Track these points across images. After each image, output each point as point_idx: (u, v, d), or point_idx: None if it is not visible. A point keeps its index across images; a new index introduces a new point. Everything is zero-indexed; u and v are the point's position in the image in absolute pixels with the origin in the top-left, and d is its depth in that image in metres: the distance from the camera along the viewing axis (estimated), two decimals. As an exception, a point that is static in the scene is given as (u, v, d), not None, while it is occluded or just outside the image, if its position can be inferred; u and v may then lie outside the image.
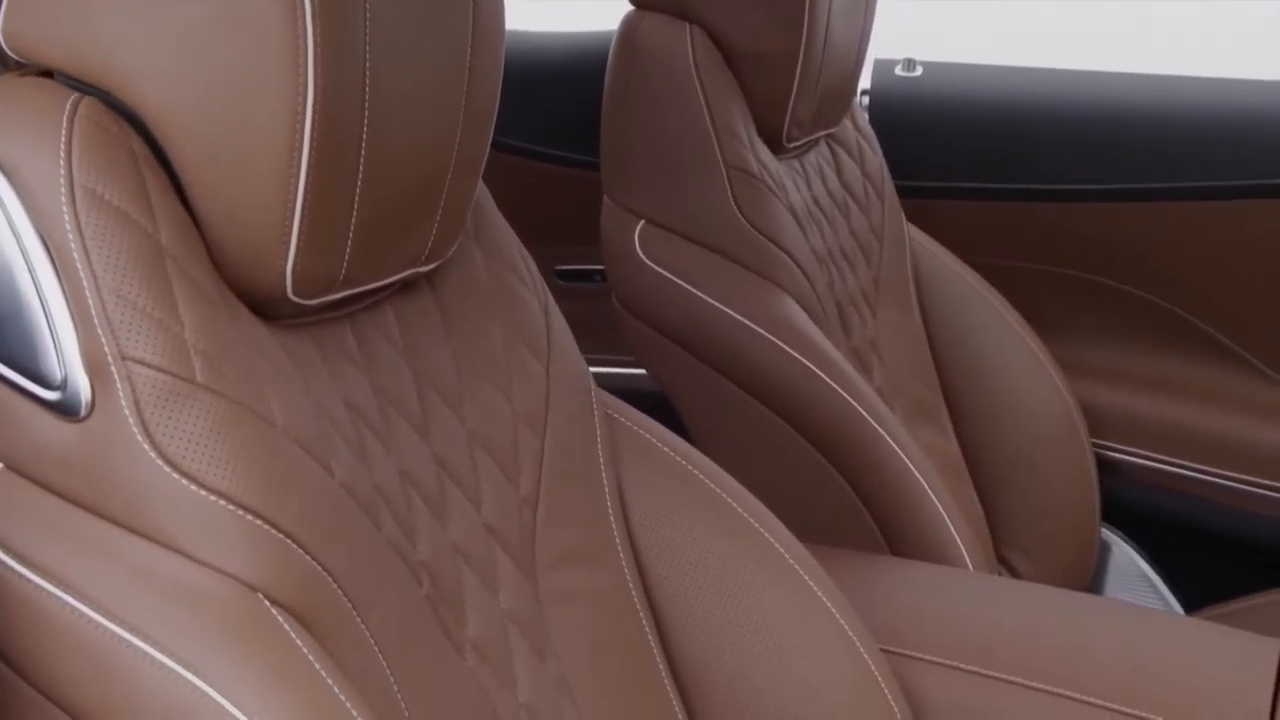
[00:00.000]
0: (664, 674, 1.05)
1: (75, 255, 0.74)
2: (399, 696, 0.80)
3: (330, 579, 0.77)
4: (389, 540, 0.84)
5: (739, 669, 1.07)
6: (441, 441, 0.93)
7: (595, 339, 1.92)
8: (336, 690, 0.72)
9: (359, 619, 0.79)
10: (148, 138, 0.79)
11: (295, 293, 0.81)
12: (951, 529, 1.48)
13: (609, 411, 1.10)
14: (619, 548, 1.04)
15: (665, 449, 1.12)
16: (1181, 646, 1.24)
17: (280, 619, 0.73)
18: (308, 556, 0.76)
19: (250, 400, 0.77)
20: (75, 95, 0.78)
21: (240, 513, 0.74)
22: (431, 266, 0.94)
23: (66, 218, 0.75)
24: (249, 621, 0.72)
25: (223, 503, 0.74)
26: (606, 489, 1.04)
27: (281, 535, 0.75)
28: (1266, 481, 1.88)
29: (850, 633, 1.10)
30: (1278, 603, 1.77)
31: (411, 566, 0.86)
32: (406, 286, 0.96)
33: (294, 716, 0.69)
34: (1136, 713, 1.14)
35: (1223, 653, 1.23)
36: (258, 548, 0.74)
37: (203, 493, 0.73)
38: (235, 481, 0.74)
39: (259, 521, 0.74)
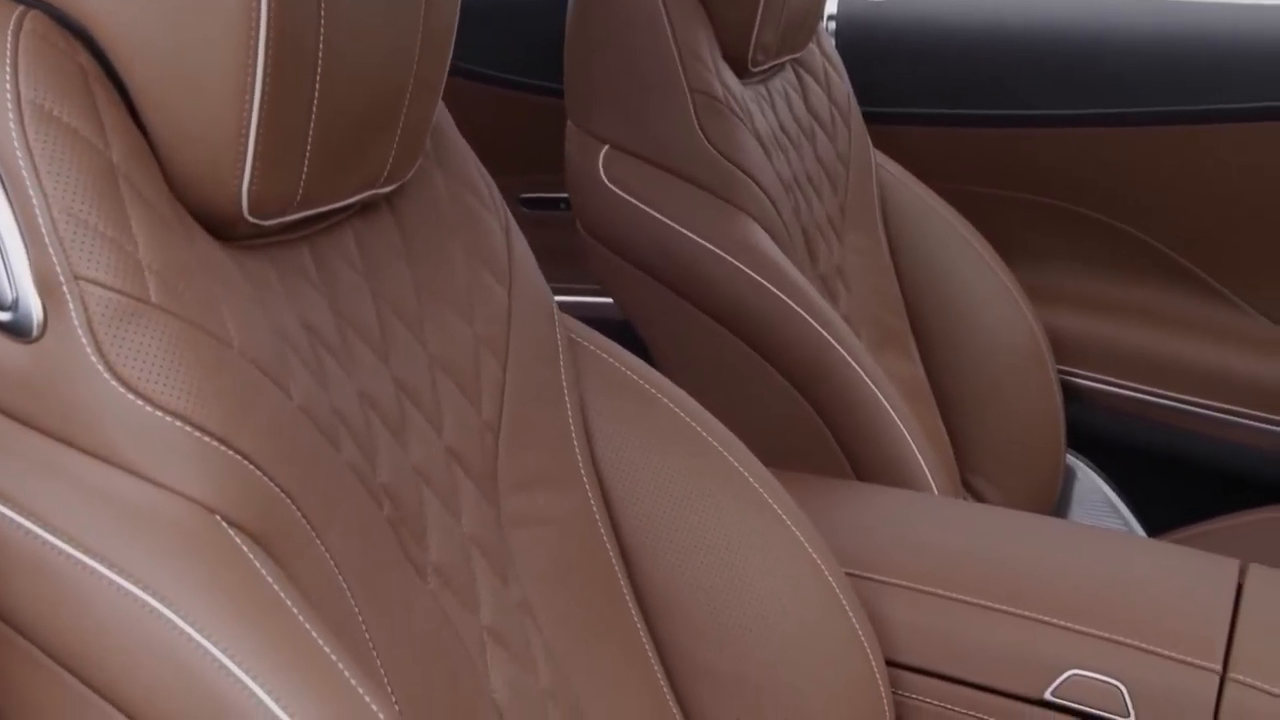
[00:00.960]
0: (628, 597, 1.05)
1: (25, 173, 0.73)
2: (360, 619, 0.80)
3: (289, 501, 0.77)
4: (348, 463, 0.84)
5: (702, 592, 1.07)
6: (402, 364, 0.92)
7: (561, 268, 1.91)
8: (296, 612, 0.71)
9: (319, 541, 0.78)
10: (96, 53, 0.77)
11: (252, 213, 0.80)
12: (917, 455, 1.48)
13: (572, 335, 1.10)
14: (582, 471, 1.04)
15: (629, 373, 1.12)
16: (1143, 567, 1.24)
17: (239, 541, 0.72)
18: (265, 478, 0.75)
19: (206, 321, 0.76)
20: (20, 9, 0.76)
21: (197, 434, 0.73)
22: (391, 188, 0.93)
23: (15, 135, 0.73)
24: (207, 543, 0.71)
25: (179, 424, 0.73)
26: (570, 413, 1.04)
27: (239, 457, 0.74)
28: (1231, 406, 1.89)
29: (814, 555, 1.10)
30: (1239, 526, 1.78)
31: (371, 489, 0.85)
32: (366, 208, 0.95)
33: (254, 638, 0.69)
34: (1098, 632, 1.14)
35: (1184, 573, 1.24)
36: (215, 469, 0.73)
37: (159, 414, 0.73)
38: (191, 402, 0.73)
39: (216, 443, 0.73)
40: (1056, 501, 1.89)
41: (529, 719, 0.90)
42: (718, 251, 1.51)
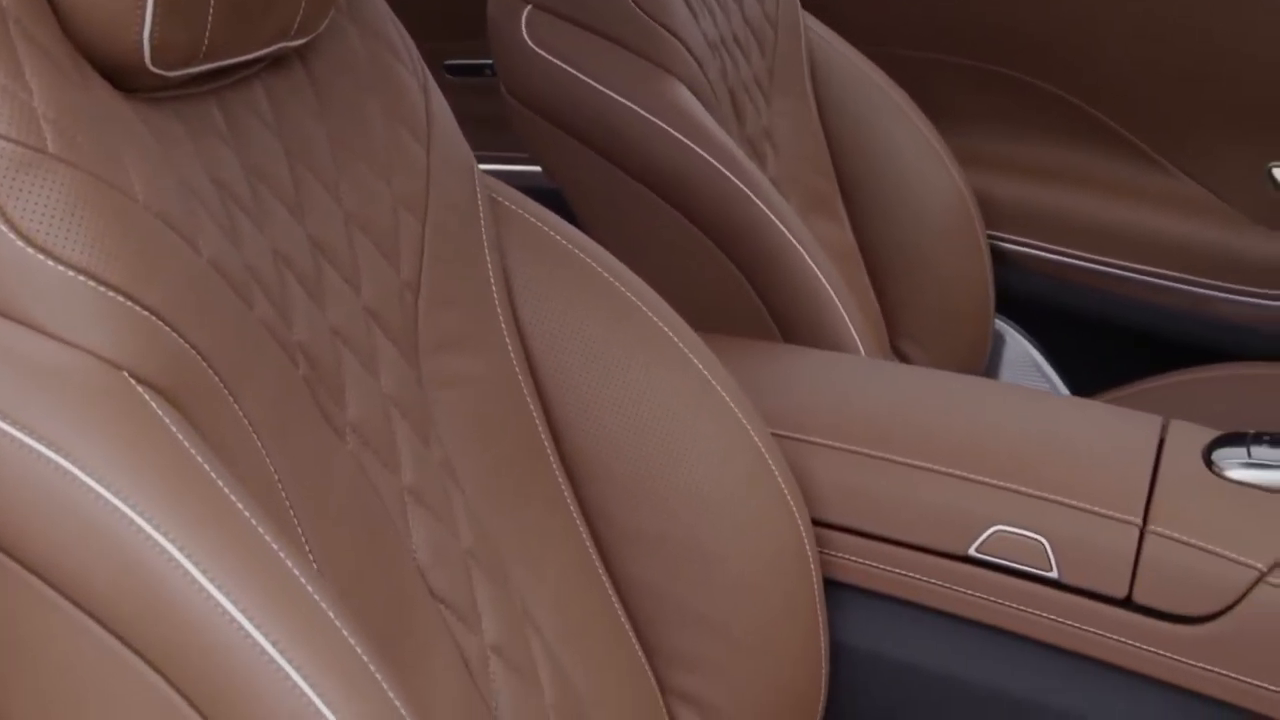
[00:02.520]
0: (551, 458, 1.04)
1: None
2: (277, 478, 0.79)
3: (199, 357, 0.75)
4: (261, 320, 0.82)
5: (627, 452, 1.06)
6: (317, 222, 0.90)
7: (488, 135, 1.88)
8: (208, 469, 0.70)
9: (231, 399, 0.77)
10: None
11: (155, 63, 0.78)
12: (845, 318, 1.48)
13: (494, 195, 1.08)
14: (504, 332, 1.02)
15: (552, 234, 1.10)
16: (1067, 424, 1.25)
17: (148, 398, 0.71)
18: (174, 334, 0.73)
19: (108, 173, 0.73)
20: None
21: (101, 289, 0.71)
22: (302, 41, 0.90)
23: None
24: (114, 399, 0.70)
25: (82, 279, 0.71)
26: (491, 273, 1.02)
27: (145, 312, 0.72)
28: (1159, 270, 1.90)
29: (740, 416, 1.10)
30: (1164, 387, 1.80)
31: (287, 347, 0.84)
32: (277, 62, 0.93)
33: (163, 495, 0.67)
34: (1021, 488, 1.15)
35: (1107, 429, 1.24)
36: (121, 325, 0.71)
37: (61, 268, 0.70)
38: (95, 257, 0.71)
39: (121, 298, 0.71)
40: (985, 366, 1.90)
41: (451, 579, 0.89)
42: (643, 114, 1.49)
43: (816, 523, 1.17)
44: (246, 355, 0.79)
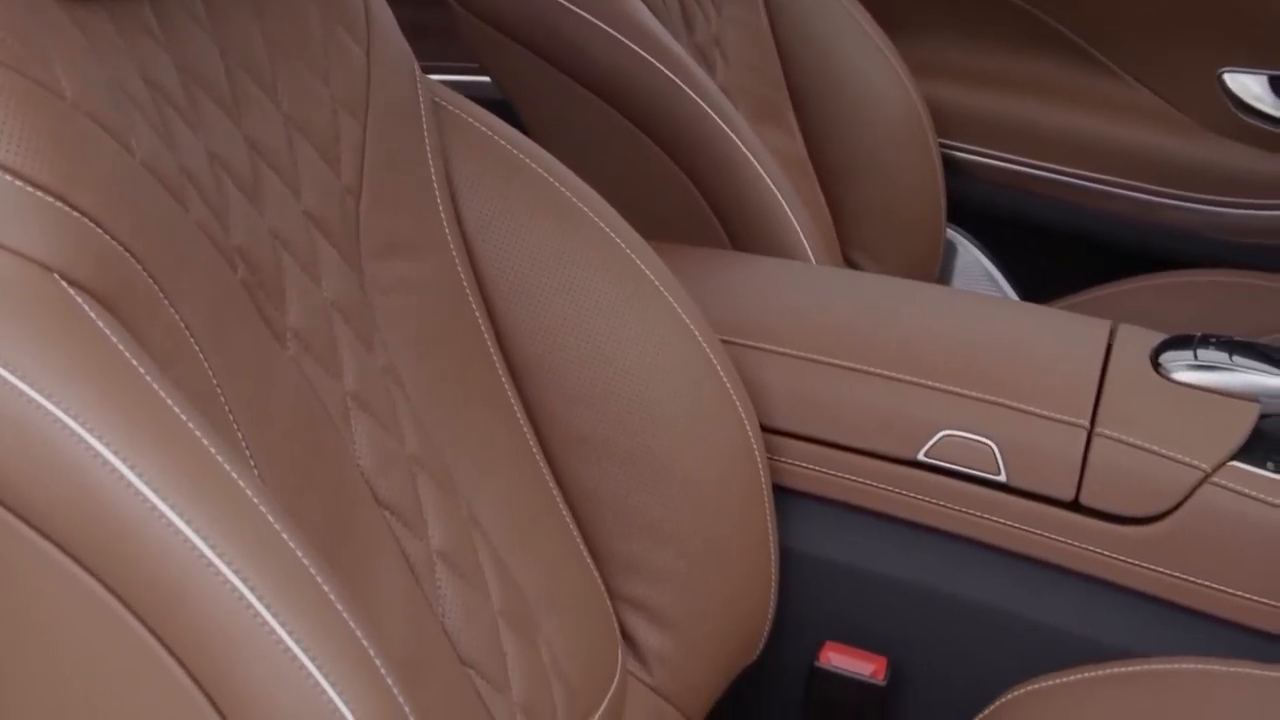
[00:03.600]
0: (498, 364, 1.03)
1: None
2: (215, 382, 0.78)
3: (133, 260, 0.73)
4: (198, 223, 0.80)
5: (574, 359, 1.05)
6: (255, 124, 0.89)
7: (436, 45, 1.85)
8: (145, 374, 0.69)
9: (167, 303, 0.75)
10: None
11: (82, -40, 0.76)
12: (796, 227, 1.47)
13: (436, 99, 1.06)
14: (448, 237, 1.01)
15: (499, 139, 1.08)
16: (1016, 329, 1.25)
17: (80, 300, 0.69)
18: (107, 236, 0.72)
19: (34, 70, 0.72)
20: None
21: (30, 189, 0.69)
22: None
23: None
24: (45, 302, 0.68)
25: (9, 179, 0.69)
26: (434, 177, 1.01)
27: (76, 213, 0.71)
28: (1110, 177, 1.90)
29: (688, 322, 1.09)
30: (1114, 294, 1.81)
31: (224, 251, 0.82)
32: (210, -39, 0.90)
33: (96, 397, 0.66)
34: (970, 393, 1.15)
35: (1055, 333, 1.25)
36: (50, 226, 0.69)
37: None
38: (22, 156, 0.69)
39: (50, 198, 0.70)
40: (936, 275, 1.90)
41: (395, 485, 0.89)
42: (592, 20, 1.47)
43: (766, 429, 1.17)
44: (182, 258, 0.78)
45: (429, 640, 0.86)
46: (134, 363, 0.69)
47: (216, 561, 0.64)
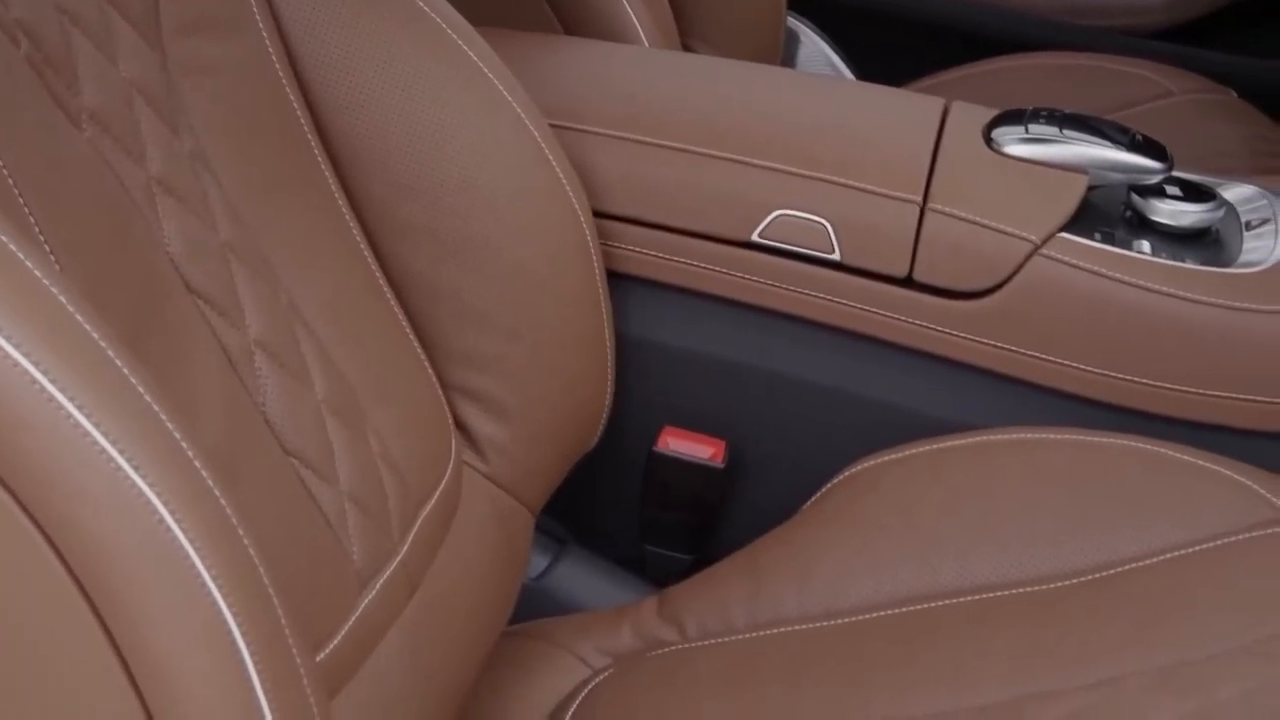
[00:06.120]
0: (316, 150, 0.99)
1: None
2: (0, 163, 0.73)
3: None
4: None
5: (397, 145, 1.02)
6: None
7: None
8: None
9: None
10: None
11: None
12: (629, 11, 1.43)
13: None
14: (257, 17, 0.96)
15: None
16: (850, 107, 1.24)
17: None
18: None
19: None
20: None
21: None
22: None
23: None
24: None
25: None
26: None
27: None
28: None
29: (515, 106, 1.06)
30: (954, 79, 1.81)
31: (4, 24, 0.77)
32: None
33: None
34: (804, 172, 1.14)
35: (889, 111, 1.24)
36: None
37: None
38: None
39: None
40: (779, 64, 1.87)
41: (208, 273, 0.85)
42: None
43: (598, 214, 1.14)
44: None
45: (249, 431, 0.84)
46: None
47: (4, 344, 0.60)
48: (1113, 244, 1.11)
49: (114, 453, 0.58)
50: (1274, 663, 0.88)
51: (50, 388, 0.59)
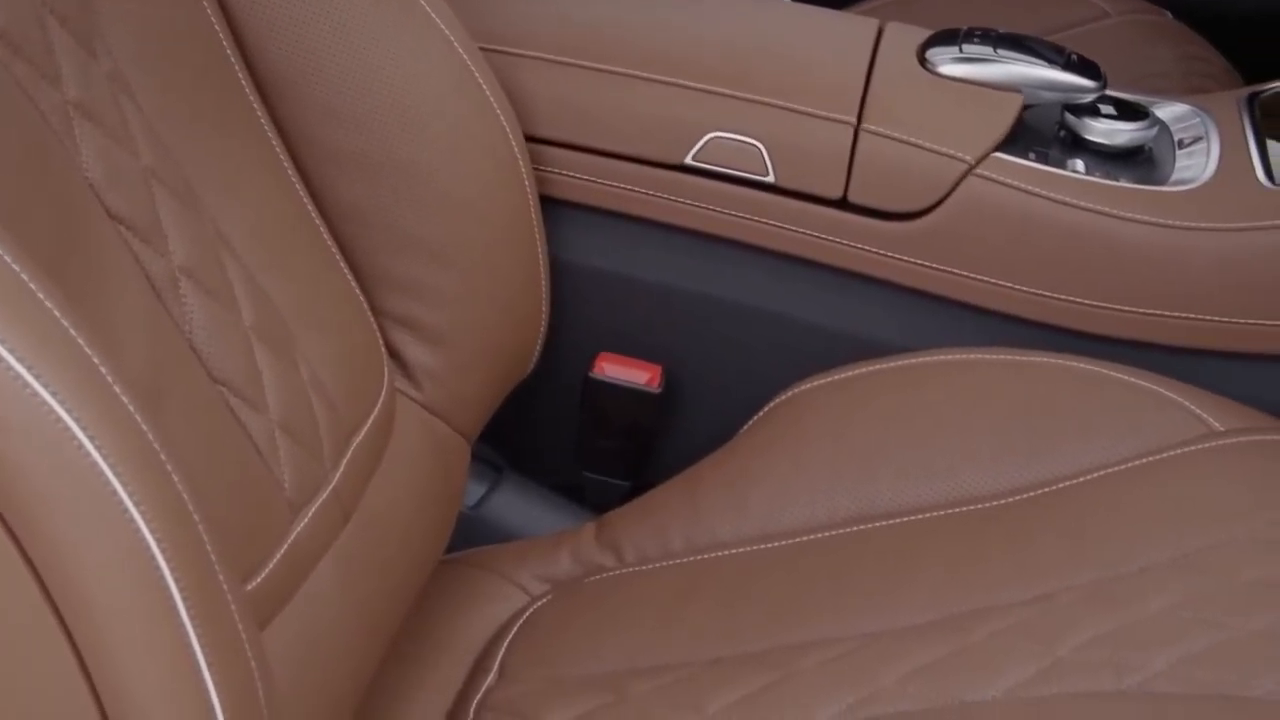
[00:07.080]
0: (241, 76, 0.97)
1: None
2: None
3: None
4: None
5: (324, 70, 1.00)
6: None
7: None
8: None
9: None
10: None
11: None
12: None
13: None
14: (176, -65, 0.94)
15: None
16: (783, 29, 1.23)
17: None
18: None
19: None
20: None
21: None
22: None
23: None
24: None
25: None
26: None
27: None
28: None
29: (443, 29, 1.04)
30: (891, 3, 1.79)
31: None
32: None
33: None
34: (737, 94, 1.13)
35: (823, 33, 1.23)
36: None
37: None
38: None
39: None
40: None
41: (130, 198, 0.83)
42: None
43: (530, 138, 1.13)
44: None
45: (174, 358, 0.82)
46: None
47: None
48: (1047, 163, 1.11)
49: (30, 378, 0.57)
50: (1203, 574, 0.89)
51: None
